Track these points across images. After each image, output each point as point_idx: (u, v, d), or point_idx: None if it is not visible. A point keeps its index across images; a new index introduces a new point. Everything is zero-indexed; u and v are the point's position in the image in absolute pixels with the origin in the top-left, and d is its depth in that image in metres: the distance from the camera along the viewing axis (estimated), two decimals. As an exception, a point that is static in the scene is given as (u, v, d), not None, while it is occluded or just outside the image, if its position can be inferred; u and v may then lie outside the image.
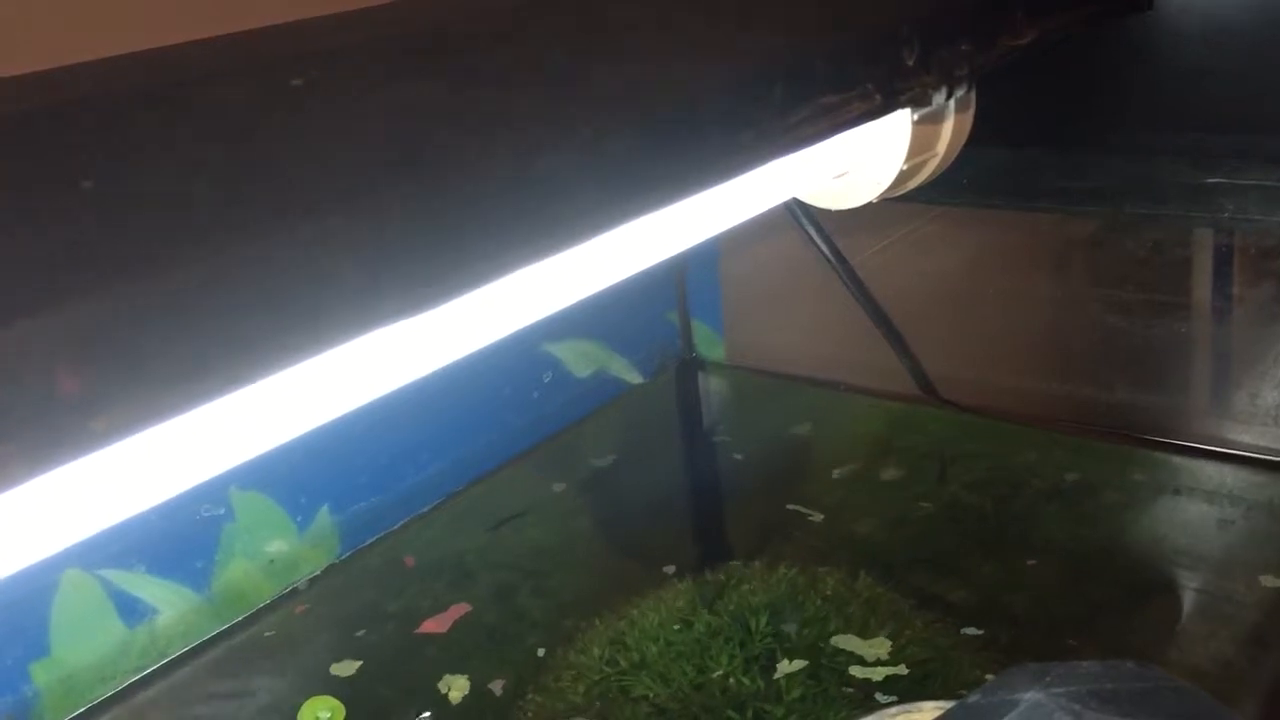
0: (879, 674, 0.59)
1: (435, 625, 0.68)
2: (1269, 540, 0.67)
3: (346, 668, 0.65)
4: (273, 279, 0.25)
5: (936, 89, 0.44)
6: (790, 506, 0.76)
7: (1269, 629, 0.60)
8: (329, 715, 0.60)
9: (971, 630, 0.62)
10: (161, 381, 0.23)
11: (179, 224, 0.25)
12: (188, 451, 0.28)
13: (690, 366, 0.96)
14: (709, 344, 0.96)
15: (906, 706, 0.52)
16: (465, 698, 0.62)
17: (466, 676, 0.63)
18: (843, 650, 0.60)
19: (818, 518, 0.74)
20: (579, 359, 0.88)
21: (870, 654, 0.60)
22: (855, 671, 0.59)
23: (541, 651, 0.65)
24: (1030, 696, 0.41)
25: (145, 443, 0.26)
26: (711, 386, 0.96)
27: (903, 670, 0.59)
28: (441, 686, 0.63)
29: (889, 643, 0.60)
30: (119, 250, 0.23)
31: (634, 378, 0.93)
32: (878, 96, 0.41)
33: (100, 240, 0.23)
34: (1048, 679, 0.41)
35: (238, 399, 0.25)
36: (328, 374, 0.31)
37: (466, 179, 0.29)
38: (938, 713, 0.47)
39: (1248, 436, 0.74)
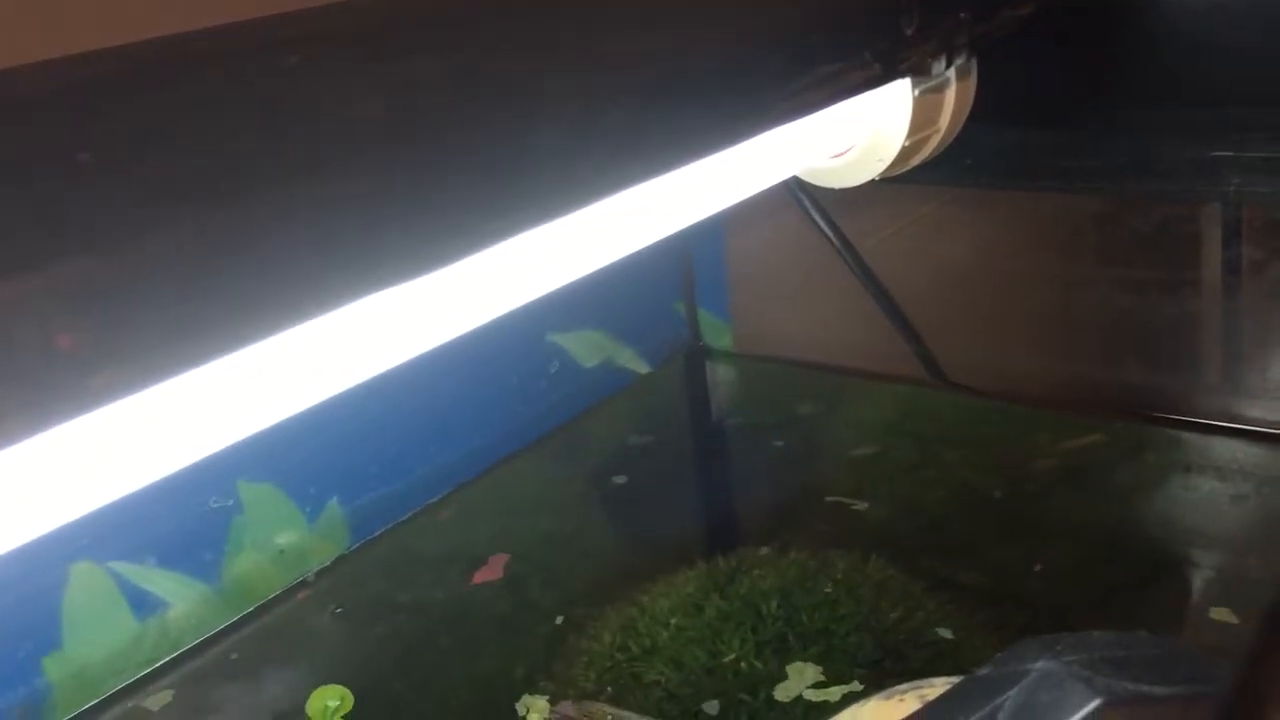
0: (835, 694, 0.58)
1: (487, 574, 0.69)
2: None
3: (357, 658, 0.65)
4: (271, 241, 0.25)
5: (936, 58, 0.44)
6: (800, 492, 0.75)
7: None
8: (337, 704, 0.60)
9: (984, 612, 0.62)
10: (160, 340, 0.23)
11: (178, 187, 0.25)
12: (187, 420, 0.28)
13: (697, 355, 0.96)
14: (716, 332, 0.96)
15: (918, 683, 0.52)
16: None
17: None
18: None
19: (828, 503, 0.74)
20: (586, 349, 0.88)
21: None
22: (810, 696, 0.57)
23: (556, 624, 0.65)
24: (1041, 665, 0.40)
25: (143, 407, 0.26)
26: (719, 375, 0.95)
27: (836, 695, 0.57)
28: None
29: (818, 667, 0.59)
30: (117, 210, 0.23)
31: (641, 367, 0.93)
32: (877, 65, 0.41)
33: (98, 200, 0.23)
34: (1058, 648, 0.41)
35: (236, 361, 0.25)
36: (329, 342, 0.31)
37: (465, 144, 0.29)
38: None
39: (1259, 411, 0.74)
